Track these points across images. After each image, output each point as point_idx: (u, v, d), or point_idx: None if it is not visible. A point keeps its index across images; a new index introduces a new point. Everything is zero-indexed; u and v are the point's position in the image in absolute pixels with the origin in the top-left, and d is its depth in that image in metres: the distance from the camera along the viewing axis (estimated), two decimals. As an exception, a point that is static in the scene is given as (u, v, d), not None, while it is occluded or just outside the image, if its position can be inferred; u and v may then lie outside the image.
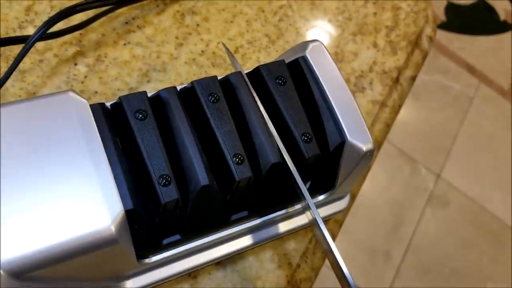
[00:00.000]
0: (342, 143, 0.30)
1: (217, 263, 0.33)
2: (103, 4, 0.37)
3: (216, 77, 0.30)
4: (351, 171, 0.31)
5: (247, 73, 0.32)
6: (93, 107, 0.27)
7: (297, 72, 0.32)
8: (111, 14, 0.39)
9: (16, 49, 0.35)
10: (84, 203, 0.23)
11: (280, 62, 0.32)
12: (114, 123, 0.27)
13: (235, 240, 0.31)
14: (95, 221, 0.23)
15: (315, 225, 0.29)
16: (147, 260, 0.28)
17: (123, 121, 0.27)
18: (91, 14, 0.37)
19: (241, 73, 0.31)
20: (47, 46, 0.37)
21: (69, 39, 0.38)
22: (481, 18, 1.75)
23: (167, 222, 0.28)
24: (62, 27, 0.36)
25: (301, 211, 0.33)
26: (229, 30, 0.42)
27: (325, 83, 0.31)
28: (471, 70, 1.64)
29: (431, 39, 0.50)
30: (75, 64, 0.37)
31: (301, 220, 0.34)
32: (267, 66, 0.31)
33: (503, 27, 1.75)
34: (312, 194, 0.33)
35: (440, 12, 1.71)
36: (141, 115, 0.27)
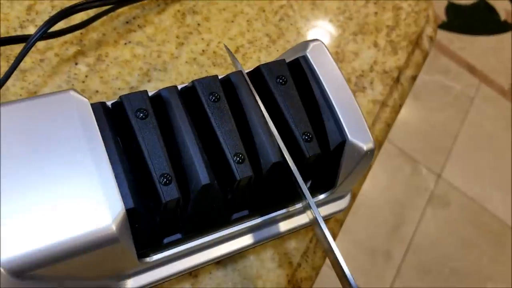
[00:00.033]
0: (343, 142, 0.30)
1: (217, 262, 0.33)
2: (103, 4, 0.37)
3: (217, 76, 0.30)
4: (352, 170, 0.31)
5: (247, 73, 0.32)
6: (94, 106, 0.27)
7: (298, 72, 0.32)
8: (111, 14, 0.39)
9: (17, 48, 0.35)
10: (85, 202, 0.23)
11: (280, 61, 0.32)
12: (115, 122, 0.27)
13: (235, 239, 0.32)
14: (96, 220, 0.23)
15: (315, 224, 0.29)
16: (148, 259, 0.28)
17: (124, 120, 0.27)
18: (91, 14, 0.37)
19: (241, 73, 0.31)
20: (48, 46, 0.37)
21: (70, 38, 0.38)
22: (481, 18, 1.75)
23: (168, 221, 0.28)
24: (63, 26, 0.36)
25: (301, 210, 0.33)
26: (229, 30, 0.42)
27: (325, 82, 0.31)
28: (472, 70, 1.64)
29: (431, 39, 0.50)
30: (76, 64, 0.37)
31: (301, 220, 0.34)
32: (268, 65, 0.31)
33: (503, 27, 1.75)
34: (312, 193, 0.33)
35: (441, 12, 1.71)
36: (142, 114, 0.27)
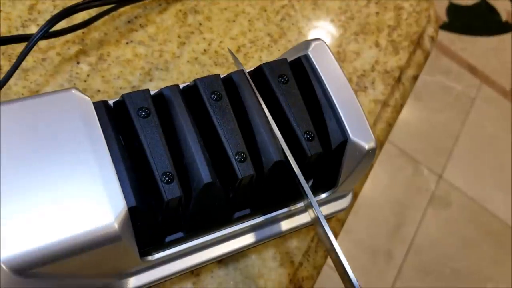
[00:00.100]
0: (344, 141, 0.30)
1: (219, 261, 0.33)
2: (105, 3, 0.37)
3: (219, 75, 0.30)
4: (353, 169, 0.31)
5: (249, 72, 0.32)
6: (96, 104, 0.27)
7: (300, 71, 0.32)
8: (113, 13, 0.39)
9: (19, 47, 0.35)
10: (87, 200, 0.23)
11: (282, 60, 0.32)
12: (117, 121, 0.27)
13: (237, 238, 0.32)
14: (98, 218, 0.23)
15: (317, 223, 0.29)
16: (150, 258, 0.28)
17: (126, 118, 0.27)
18: (93, 13, 0.37)
19: (243, 72, 0.31)
20: (49, 45, 0.37)
21: (72, 37, 0.38)
22: (482, 18, 1.75)
23: (170, 220, 0.28)
24: (65, 25, 0.36)
25: (303, 209, 0.33)
26: (231, 29, 0.42)
27: (327, 81, 0.31)
28: (473, 70, 1.64)
29: (433, 39, 0.50)
30: (78, 63, 0.37)
31: (303, 219, 0.34)
32: (270, 64, 0.31)
33: (504, 28, 1.75)
34: (314, 192, 0.33)
35: (442, 12, 1.71)
36: (144, 113, 0.27)
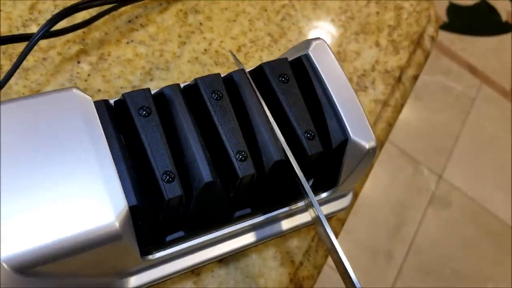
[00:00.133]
0: (345, 140, 0.30)
1: (220, 261, 0.33)
2: (106, 3, 0.37)
3: (220, 74, 0.30)
4: (354, 168, 0.31)
5: (250, 71, 0.32)
6: (97, 103, 0.27)
7: (300, 70, 0.32)
8: (114, 13, 0.39)
9: (20, 47, 0.35)
10: (88, 199, 0.23)
11: (283, 60, 0.32)
12: (118, 120, 0.27)
13: (238, 237, 0.32)
14: (99, 217, 0.23)
15: (318, 222, 0.29)
16: (151, 257, 0.28)
17: (127, 118, 0.27)
18: (94, 13, 0.37)
19: (244, 71, 0.31)
20: (50, 44, 0.37)
21: (72, 37, 0.38)
22: (483, 18, 1.75)
23: (171, 219, 0.28)
24: (65, 25, 0.36)
25: (304, 209, 0.33)
26: (231, 29, 0.42)
27: (328, 81, 0.31)
28: (473, 71, 1.64)
29: (433, 39, 0.50)
30: (78, 62, 0.37)
31: (304, 218, 0.34)
32: (270, 64, 0.31)
33: (505, 28, 1.75)
34: (315, 191, 0.33)
35: (442, 13, 1.71)
36: (144, 112, 0.27)
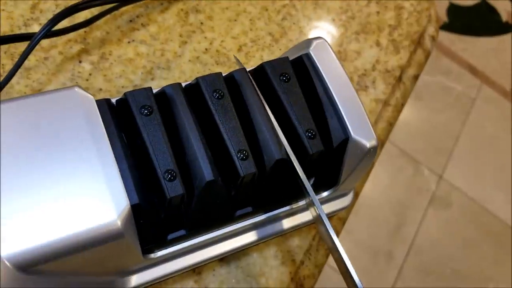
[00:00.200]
0: (346, 139, 0.30)
1: (221, 260, 0.33)
2: (107, 2, 0.37)
3: (221, 73, 0.30)
4: (355, 167, 0.31)
5: (251, 70, 0.32)
6: (98, 102, 0.27)
7: (301, 69, 0.32)
8: (115, 12, 0.39)
9: (21, 46, 0.35)
10: (90, 197, 0.23)
11: (284, 59, 0.32)
12: (120, 119, 0.28)
13: (239, 236, 0.32)
14: (101, 215, 0.23)
15: (319, 221, 0.29)
16: (152, 255, 0.28)
17: (128, 116, 0.27)
18: (95, 12, 0.38)
19: (245, 70, 0.31)
20: (52, 44, 0.37)
21: (74, 36, 0.38)
22: (483, 19, 1.75)
23: (172, 217, 0.28)
24: (67, 24, 0.36)
25: (305, 208, 0.33)
26: (232, 29, 0.42)
27: (328, 80, 0.31)
28: (473, 71, 1.64)
29: (433, 39, 0.50)
30: (80, 62, 0.37)
31: (305, 217, 0.34)
32: (271, 63, 0.31)
33: (505, 28, 1.75)
34: (316, 190, 0.33)
35: (442, 13, 1.71)
36: (146, 111, 0.27)
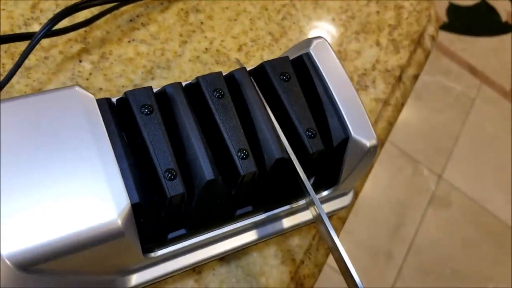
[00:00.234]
0: (346, 139, 0.30)
1: (221, 259, 0.33)
2: (107, 2, 0.37)
3: (221, 73, 0.30)
4: (355, 167, 0.31)
5: (251, 70, 0.32)
6: (99, 101, 0.27)
7: (301, 69, 0.32)
8: (115, 12, 0.39)
9: (22, 46, 0.35)
10: (91, 196, 0.24)
11: (284, 58, 0.32)
12: (120, 118, 0.28)
13: (239, 235, 0.32)
14: (102, 214, 0.23)
15: (319, 221, 0.29)
16: (153, 254, 0.28)
17: (129, 115, 0.27)
18: (95, 12, 0.38)
19: (245, 69, 0.31)
20: (52, 43, 0.37)
21: (74, 36, 0.38)
22: (482, 19, 1.75)
23: (173, 216, 0.28)
24: (67, 24, 0.36)
25: (305, 207, 0.33)
26: (232, 28, 0.42)
27: (329, 79, 0.31)
28: (473, 71, 1.64)
29: (433, 38, 0.50)
30: (80, 61, 0.37)
31: (305, 216, 0.34)
32: (272, 62, 0.32)
33: (504, 28, 1.75)
34: (316, 189, 0.33)
35: (442, 13, 1.71)
36: (147, 110, 0.27)
